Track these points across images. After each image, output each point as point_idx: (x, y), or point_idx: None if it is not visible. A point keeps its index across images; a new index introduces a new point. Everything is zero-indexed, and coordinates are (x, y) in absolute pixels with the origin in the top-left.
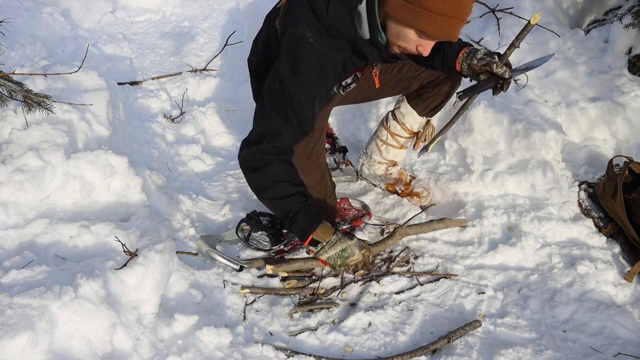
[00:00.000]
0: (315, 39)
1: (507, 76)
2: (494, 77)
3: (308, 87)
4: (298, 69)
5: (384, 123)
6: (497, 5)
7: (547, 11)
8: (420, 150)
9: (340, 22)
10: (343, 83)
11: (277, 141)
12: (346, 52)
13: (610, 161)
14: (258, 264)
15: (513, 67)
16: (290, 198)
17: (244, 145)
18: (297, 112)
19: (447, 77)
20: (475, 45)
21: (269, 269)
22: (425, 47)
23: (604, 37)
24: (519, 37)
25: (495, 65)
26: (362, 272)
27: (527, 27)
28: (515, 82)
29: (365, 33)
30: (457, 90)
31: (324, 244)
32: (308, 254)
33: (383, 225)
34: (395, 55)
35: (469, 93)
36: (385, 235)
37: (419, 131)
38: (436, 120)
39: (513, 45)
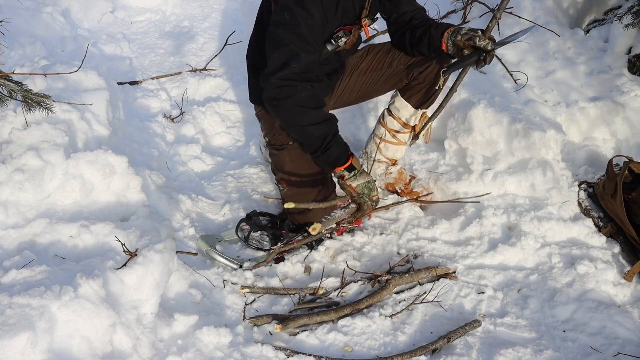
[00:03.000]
0: None
1: (489, 48)
2: (477, 51)
3: (315, 11)
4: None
5: (381, 121)
6: (497, 5)
7: (547, 11)
8: (412, 138)
9: None
10: (334, 36)
11: (304, 59)
12: None
13: (610, 161)
14: (266, 321)
15: (496, 41)
16: (328, 123)
17: (270, 76)
18: (310, 29)
19: (437, 64)
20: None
21: (276, 328)
22: None
23: (604, 37)
24: (500, 9)
25: (478, 38)
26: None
27: None
28: (516, 82)
29: None
30: (442, 69)
31: (357, 171)
32: (342, 180)
33: (378, 276)
34: None
35: (453, 68)
36: (378, 285)
37: (416, 125)
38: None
39: (495, 18)
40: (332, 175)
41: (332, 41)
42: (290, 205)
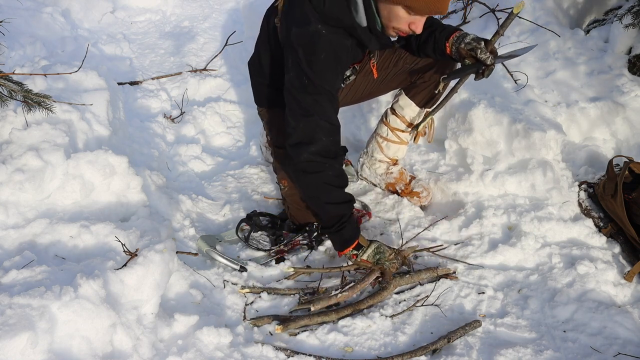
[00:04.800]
0: (325, 29)
1: (489, 62)
2: (477, 62)
3: (331, 77)
4: (318, 61)
5: (384, 119)
6: (497, 5)
7: (547, 11)
8: (411, 131)
9: (338, 12)
10: (342, 76)
11: (330, 133)
12: (348, 39)
13: (610, 161)
14: (267, 322)
15: (498, 55)
16: (347, 204)
17: (300, 147)
18: (329, 94)
19: (441, 64)
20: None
21: (277, 329)
22: (417, 24)
23: (604, 37)
24: (503, 26)
25: (479, 50)
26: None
27: (510, 17)
28: (516, 82)
29: (362, 20)
30: (442, 75)
31: (365, 248)
32: (350, 258)
33: (379, 276)
34: (391, 40)
35: (452, 77)
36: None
37: (418, 124)
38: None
39: (497, 33)
40: (344, 255)
41: (342, 83)
42: None
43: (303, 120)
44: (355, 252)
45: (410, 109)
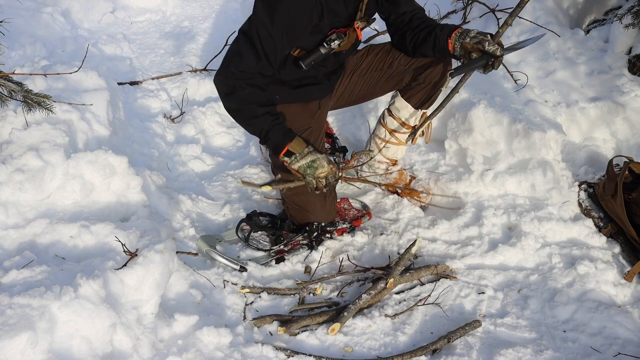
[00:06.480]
0: None
1: (498, 54)
2: (485, 55)
3: (278, 20)
4: (274, 9)
5: (381, 121)
6: (497, 5)
7: (547, 11)
8: (410, 134)
9: None
10: (327, 39)
11: (242, 64)
12: None
13: (610, 161)
14: (268, 322)
15: (505, 46)
16: (260, 118)
17: (216, 73)
18: (262, 36)
19: (437, 65)
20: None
21: (280, 330)
22: None
23: (604, 37)
24: (512, 15)
25: (487, 43)
26: (324, 188)
27: (521, 4)
28: (516, 82)
29: None
30: (449, 70)
31: (297, 155)
32: (284, 165)
33: (379, 276)
34: None
35: (460, 70)
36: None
37: (416, 125)
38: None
39: (506, 24)
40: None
41: (325, 44)
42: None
43: (228, 50)
44: (287, 159)
45: (406, 111)
